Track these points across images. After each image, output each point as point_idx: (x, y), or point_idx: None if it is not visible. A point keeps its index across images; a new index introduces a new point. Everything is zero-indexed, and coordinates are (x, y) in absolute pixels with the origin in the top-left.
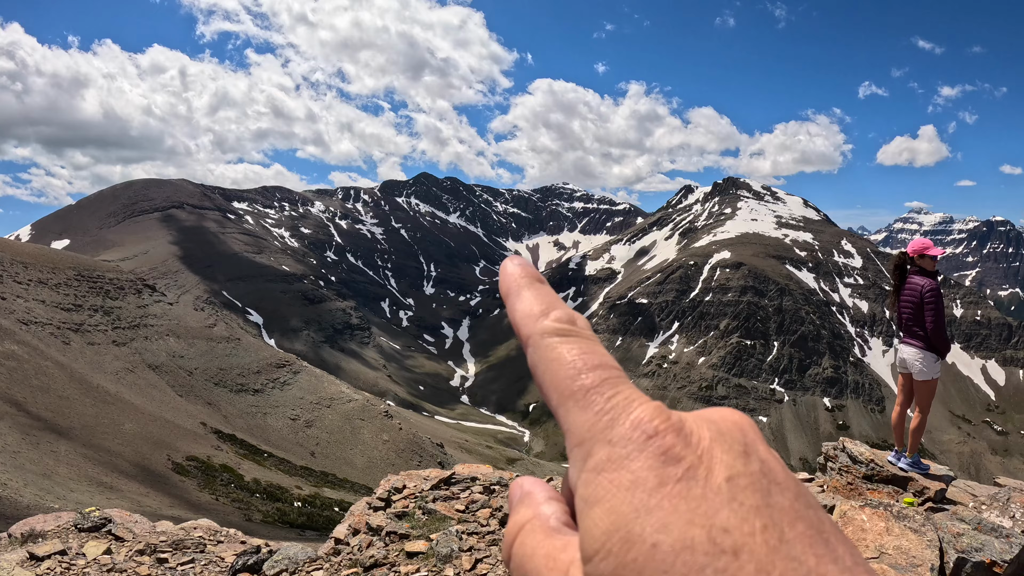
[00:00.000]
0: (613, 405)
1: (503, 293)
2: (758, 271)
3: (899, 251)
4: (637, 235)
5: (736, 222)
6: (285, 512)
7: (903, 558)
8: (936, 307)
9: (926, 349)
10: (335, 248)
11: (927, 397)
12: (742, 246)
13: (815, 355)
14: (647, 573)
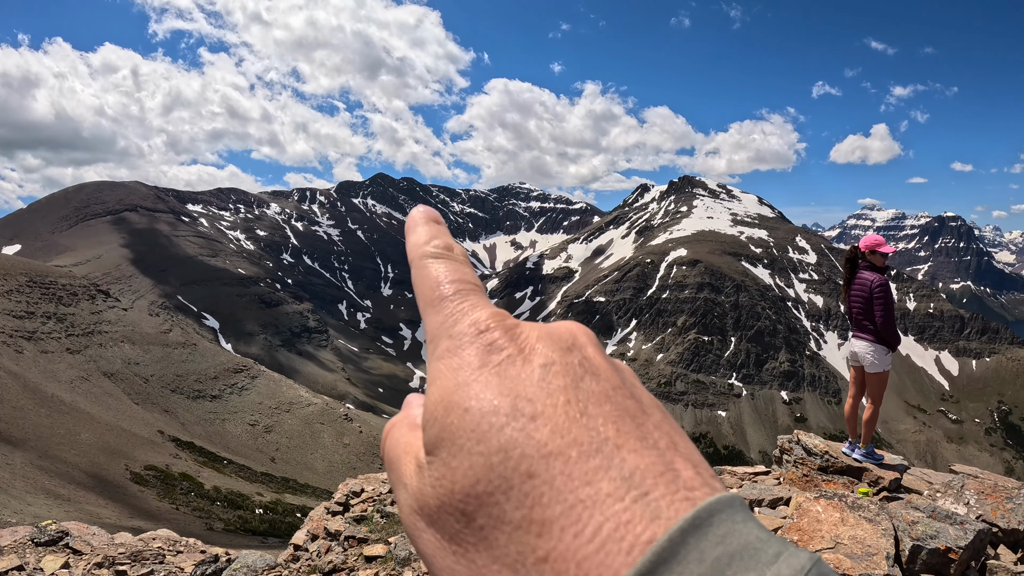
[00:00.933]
0: (460, 309)
1: (405, 232)
2: (714, 268)
3: (851, 246)
4: (594, 234)
5: (692, 220)
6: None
7: (858, 547)
8: (885, 302)
9: (877, 342)
10: (291, 250)
11: (879, 389)
12: (698, 244)
13: (772, 350)
14: (459, 433)
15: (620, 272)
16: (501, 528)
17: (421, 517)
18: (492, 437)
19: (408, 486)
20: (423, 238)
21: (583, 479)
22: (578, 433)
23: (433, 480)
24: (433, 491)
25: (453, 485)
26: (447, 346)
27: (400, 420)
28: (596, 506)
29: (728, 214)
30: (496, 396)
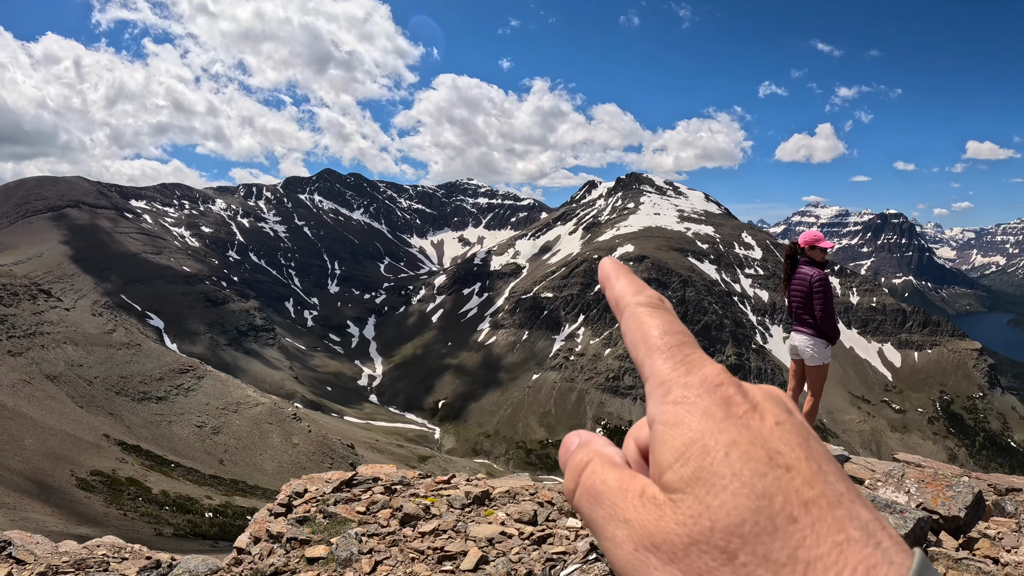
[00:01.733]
0: (690, 360)
1: (602, 280)
2: (661, 263)
3: (791, 242)
4: (541, 230)
5: (639, 216)
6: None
7: None
8: (824, 296)
9: (816, 336)
10: (237, 247)
11: (818, 382)
12: (645, 239)
13: (718, 343)
14: (720, 475)
15: (568, 268)
16: (766, 566)
17: (655, 554)
18: (756, 482)
19: (633, 522)
20: (631, 288)
21: (836, 526)
22: (823, 487)
23: (684, 518)
24: (683, 528)
25: (713, 523)
26: (682, 394)
27: (595, 459)
28: (849, 549)
29: (675, 210)
30: (751, 446)
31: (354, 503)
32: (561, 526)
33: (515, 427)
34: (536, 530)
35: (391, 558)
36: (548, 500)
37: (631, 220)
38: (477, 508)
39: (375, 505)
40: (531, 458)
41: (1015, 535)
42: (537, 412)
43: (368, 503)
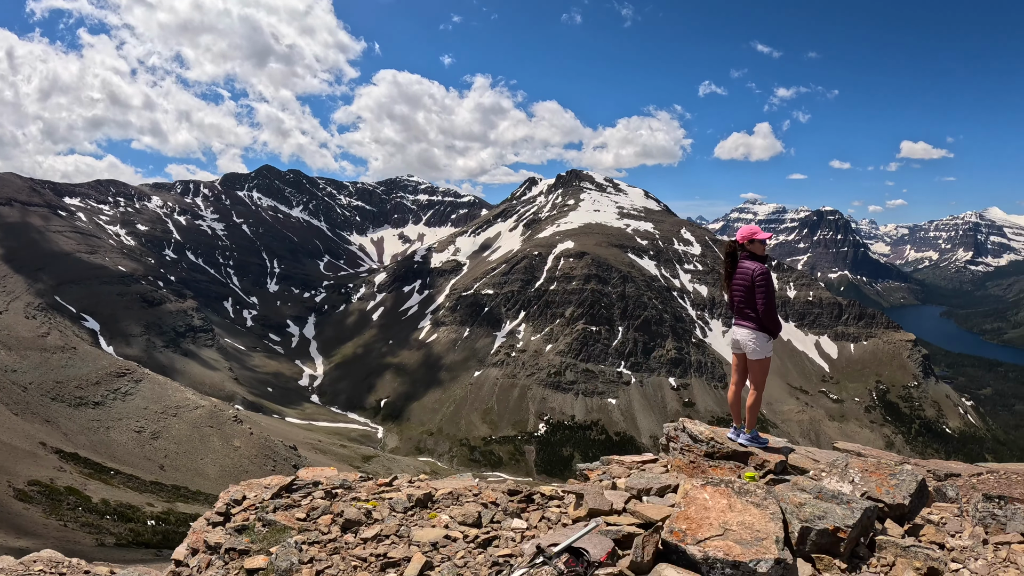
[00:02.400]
0: None
1: None
2: (601, 260)
3: (729, 239)
4: (482, 227)
5: (579, 213)
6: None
7: (748, 533)
8: (766, 290)
9: (758, 330)
10: (174, 246)
11: (761, 375)
12: (585, 236)
13: (659, 338)
14: None
15: (508, 265)
16: None
17: None
18: None
19: None
20: None
21: None
22: None
23: None
24: None
25: None
26: None
27: None
28: None
29: (615, 207)
30: None
31: (294, 509)
32: (506, 528)
33: (458, 424)
34: (481, 532)
35: (332, 567)
36: (492, 501)
37: (571, 217)
38: (420, 511)
39: (315, 511)
40: (475, 455)
41: (958, 520)
42: (480, 409)
43: (308, 509)
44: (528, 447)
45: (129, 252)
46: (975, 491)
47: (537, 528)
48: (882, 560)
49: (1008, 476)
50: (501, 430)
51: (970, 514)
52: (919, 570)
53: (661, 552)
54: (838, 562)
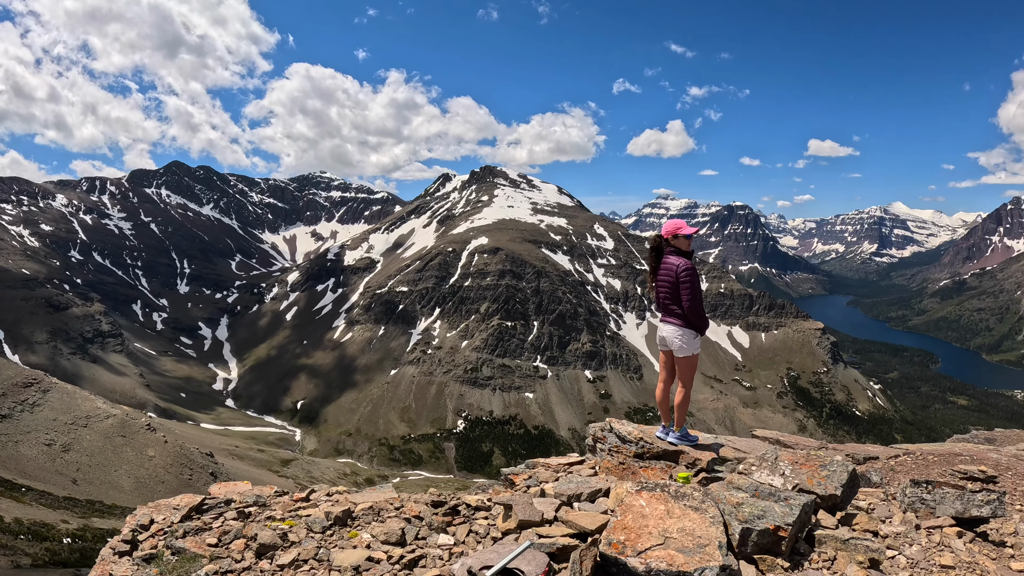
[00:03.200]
0: None
1: None
2: (515, 255)
3: (654, 235)
4: (396, 223)
5: (493, 209)
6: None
7: (689, 540)
8: (692, 285)
9: (685, 326)
10: (80, 247)
11: (688, 373)
12: (499, 232)
13: (574, 331)
14: None
15: (422, 261)
16: None
17: None
18: None
19: None
20: None
21: None
22: None
23: None
24: None
25: None
26: None
27: None
28: None
29: (528, 203)
30: None
31: (205, 533)
32: (432, 544)
33: (376, 424)
34: (406, 552)
35: None
36: (416, 515)
37: (485, 213)
38: (339, 530)
39: (228, 535)
40: (395, 454)
41: (885, 505)
42: (397, 408)
43: (220, 533)
44: (447, 444)
45: (33, 254)
46: (895, 473)
47: (465, 543)
48: (823, 555)
49: (925, 457)
50: (420, 428)
51: (898, 499)
52: (861, 563)
53: (600, 565)
54: (781, 561)
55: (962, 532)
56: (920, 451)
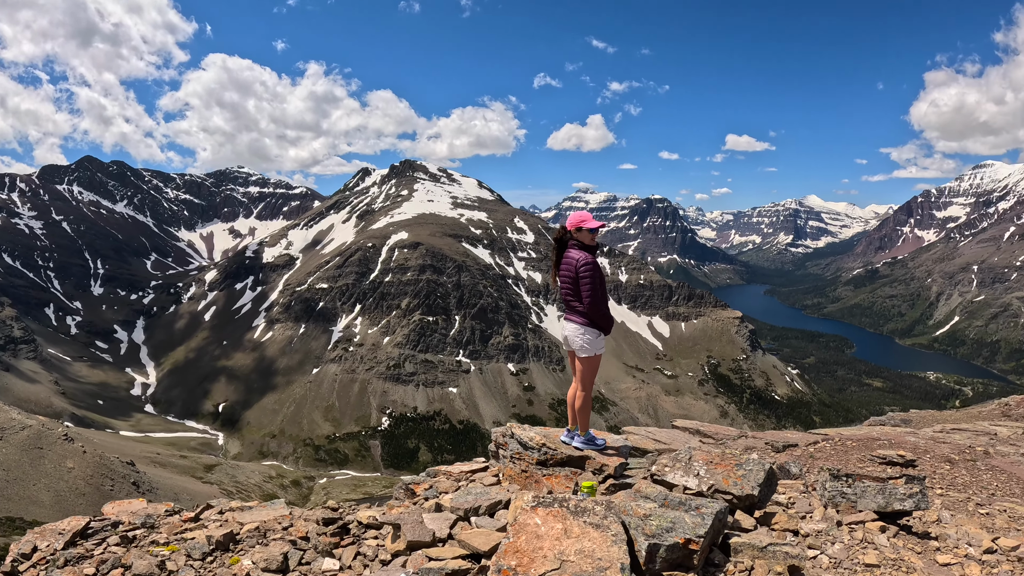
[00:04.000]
0: None
1: None
2: (436, 250)
3: (560, 226)
4: (315, 219)
5: (413, 203)
6: None
7: (588, 563)
8: (592, 281)
9: (587, 325)
10: None
11: (589, 375)
12: (419, 226)
13: (496, 325)
14: None
15: (342, 257)
16: None
17: None
18: None
19: None
20: None
21: None
22: None
23: None
24: None
25: None
26: None
27: None
28: None
29: (449, 197)
30: None
31: (84, 562)
32: (316, 570)
33: (300, 424)
34: None
35: None
36: (302, 536)
37: (405, 207)
38: (221, 556)
39: (105, 564)
40: (320, 454)
41: (805, 498)
42: (321, 407)
43: (99, 562)
44: (373, 442)
45: None
46: (814, 460)
47: (351, 568)
48: (739, 565)
49: (843, 443)
50: (344, 427)
51: (818, 492)
52: (780, 574)
53: None
54: None
55: (885, 527)
56: (839, 436)
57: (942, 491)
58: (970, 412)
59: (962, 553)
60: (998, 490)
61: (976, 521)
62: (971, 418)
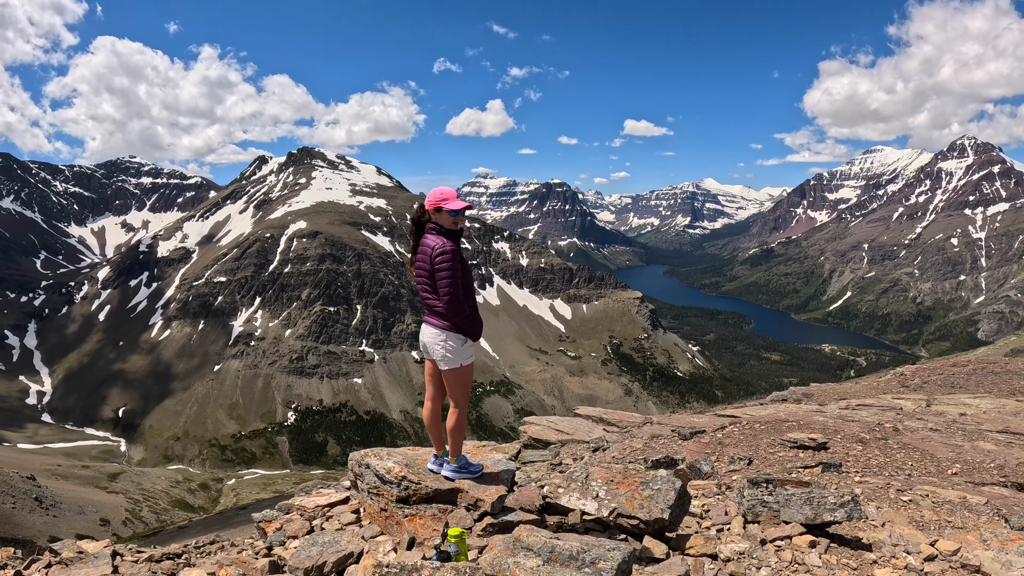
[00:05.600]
0: None
1: None
2: (335, 239)
3: (417, 204)
4: (211, 210)
5: (311, 192)
6: None
7: None
8: (452, 273)
9: (449, 329)
10: None
11: (459, 389)
12: (318, 215)
13: (398, 313)
14: None
15: (240, 249)
16: None
17: None
18: None
19: None
20: None
21: None
22: None
23: None
24: None
25: None
26: None
27: None
28: None
29: (347, 184)
30: None
31: None
32: None
33: (204, 424)
34: None
35: None
36: None
37: (303, 196)
38: None
39: None
40: (227, 454)
41: (720, 503)
42: (225, 405)
43: None
44: (280, 438)
45: None
46: (723, 448)
47: None
48: None
49: (752, 426)
50: (250, 424)
51: (735, 499)
52: None
53: None
54: None
55: (815, 540)
56: (747, 419)
57: (860, 477)
58: (870, 384)
59: (901, 564)
60: (914, 470)
61: (904, 515)
62: (872, 391)
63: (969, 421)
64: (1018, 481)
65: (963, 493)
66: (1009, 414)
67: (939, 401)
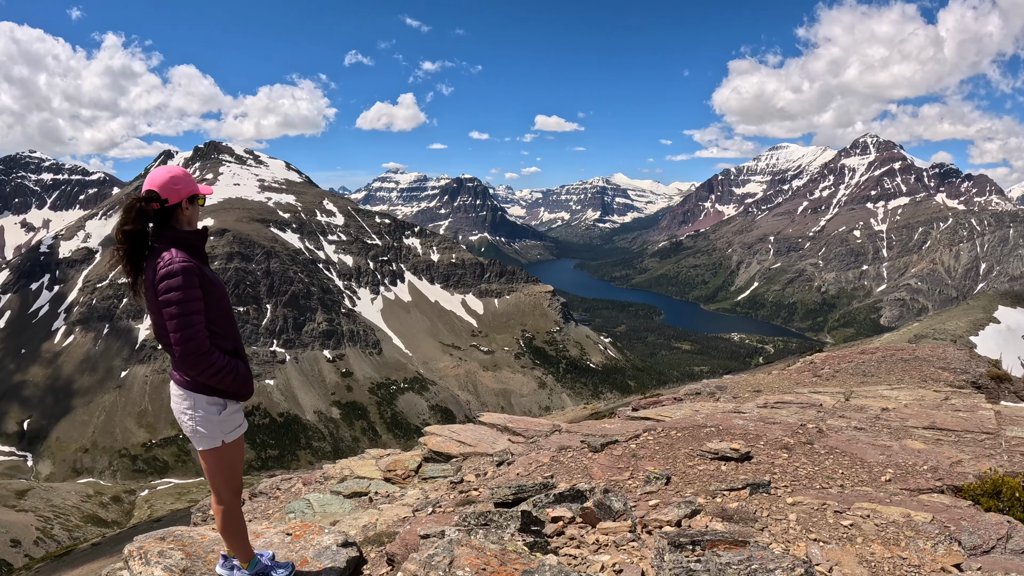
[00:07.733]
0: None
1: None
2: (243, 236)
3: (132, 198)
4: (115, 207)
5: (219, 187)
6: None
7: None
8: (183, 307)
9: (197, 391)
10: None
11: (221, 476)
12: (225, 212)
13: (309, 311)
14: None
15: None
16: None
17: None
18: None
19: None
20: None
21: None
22: None
23: None
24: None
25: None
26: None
27: None
28: None
29: (255, 180)
30: None
31: None
32: None
33: (113, 434)
34: None
35: None
36: None
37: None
38: None
39: None
40: (138, 464)
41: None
42: (134, 413)
43: None
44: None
45: None
46: (638, 462)
47: None
48: None
49: (668, 434)
50: (161, 432)
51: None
52: None
53: None
54: None
55: None
56: (663, 427)
57: (791, 496)
58: (783, 374)
59: None
60: (846, 479)
61: (852, 553)
62: (786, 382)
63: (893, 417)
64: (953, 484)
65: (905, 509)
66: (930, 407)
67: (857, 394)
